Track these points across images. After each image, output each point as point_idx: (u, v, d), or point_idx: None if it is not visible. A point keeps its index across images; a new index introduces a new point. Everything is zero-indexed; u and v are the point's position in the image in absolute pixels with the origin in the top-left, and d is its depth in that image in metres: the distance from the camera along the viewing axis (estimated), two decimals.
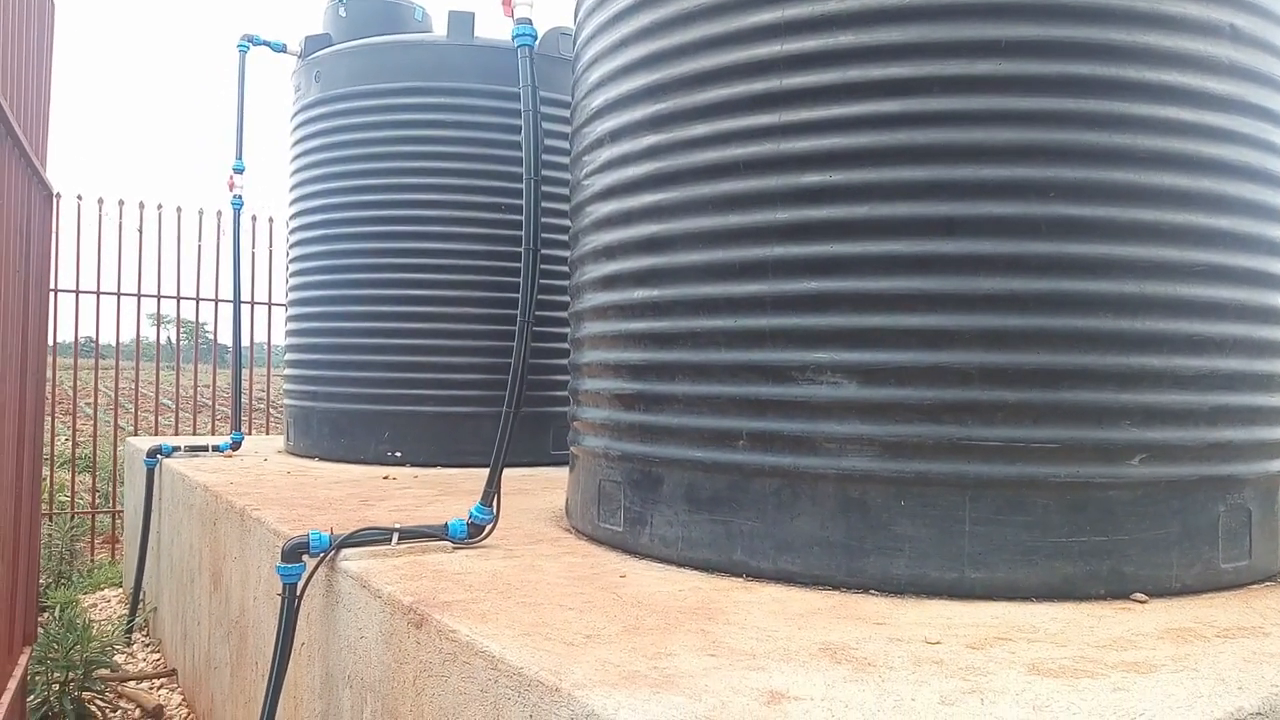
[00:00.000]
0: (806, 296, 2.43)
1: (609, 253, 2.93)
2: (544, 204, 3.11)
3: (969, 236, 2.31)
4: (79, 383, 8.15)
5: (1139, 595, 2.31)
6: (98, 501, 8.12)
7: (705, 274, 2.59)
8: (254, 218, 8.59)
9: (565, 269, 3.51)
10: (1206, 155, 2.40)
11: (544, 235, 3.10)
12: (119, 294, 7.99)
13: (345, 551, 2.70)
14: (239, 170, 5.74)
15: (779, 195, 2.46)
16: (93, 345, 8.11)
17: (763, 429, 2.49)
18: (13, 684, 3.19)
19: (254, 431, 8.84)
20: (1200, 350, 2.39)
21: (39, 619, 4.12)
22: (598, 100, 3.01)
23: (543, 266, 3.10)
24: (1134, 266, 2.32)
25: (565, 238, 3.53)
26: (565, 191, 3.47)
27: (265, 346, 8.97)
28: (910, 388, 2.33)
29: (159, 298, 8.23)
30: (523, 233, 3.02)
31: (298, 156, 5.65)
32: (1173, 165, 2.36)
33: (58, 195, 6.32)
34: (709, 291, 2.59)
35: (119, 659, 4.87)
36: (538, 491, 4.12)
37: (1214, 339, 2.40)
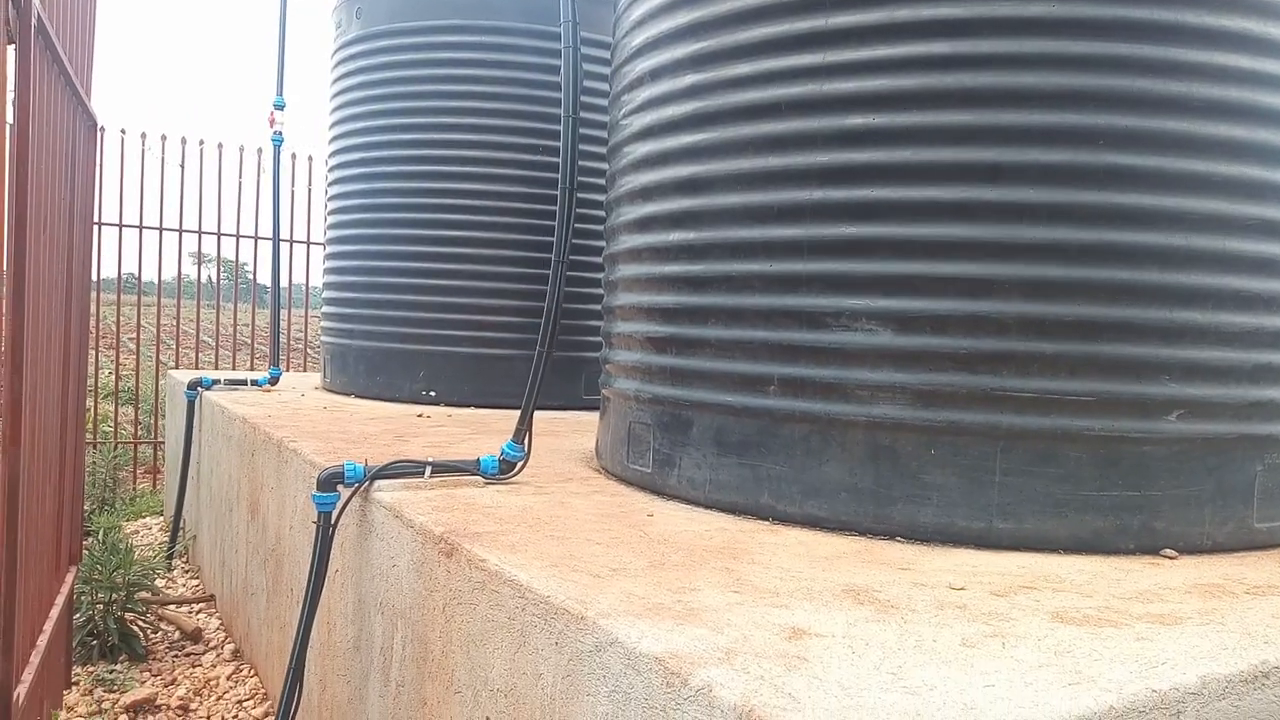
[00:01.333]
0: (845, 241, 2.40)
1: (645, 194, 2.91)
2: (582, 146, 3.09)
3: (1013, 184, 2.26)
4: (121, 318, 8.30)
5: (1169, 551, 2.30)
6: (140, 433, 8.32)
7: (742, 217, 2.57)
8: (294, 156, 8.64)
9: (602, 213, 3.50)
10: (1264, 105, 2.32)
11: (581, 179, 3.09)
12: (161, 229, 8.09)
13: (379, 483, 2.75)
14: (279, 106, 5.75)
15: (821, 137, 2.42)
16: (135, 282, 8.22)
17: (794, 375, 2.49)
18: (60, 599, 3.30)
19: (291, 370, 8.97)
20: (1247, 306, 2.33)
21: (83, 543, 4.25)
22: (639, 38, 2.98)
23: (579, 210, 3.09)
24: (1183, 219, 2.27)
25: (603, 181, 3.51)
26: (604, 134, 3.44)
27: (304, 287, 9.07)
28: (946, 336, 2.31)
29: (200, 234, 8.33)
30: (559, 171, 3.01)
31: (338, 94, 5.65)
32: (1229, 115, 2.29)
33: (102, 128, 6.38)
34: (745, 235, 2.57)
35: (160, 584, 5.02)
36: (568, 433, 4.15)
37: (1262, 295, 2.35)
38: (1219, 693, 1.50)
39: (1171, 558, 2.28)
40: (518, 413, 3.00)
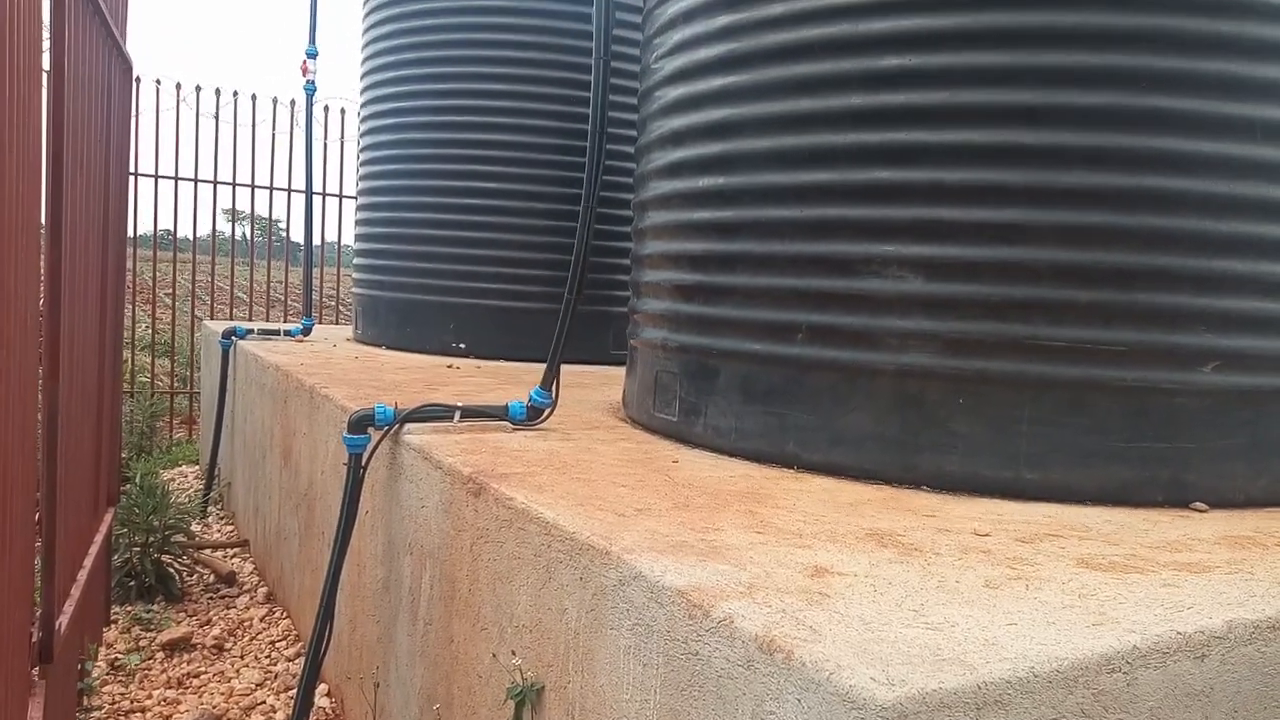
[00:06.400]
0: (877, 186, 2.37)
1: (676, 139, 2.88)
2: (613, 97, 3.05)
3: (1051, 127, 2.22)
4: (157, 274, 8.40)
5: (1199, 504, 2.27)
6: (175, 384, 8.45)
7: (773, 161, 2.54)
8: (325, 109, 8.66)
9: (632, 166, 3.47)
10: None
11: (611, 130, 3.05)
12: (196, 180, 8.15)
13: (409, 426, 2.78)
14: (312, 55, 5.75)
15: (854, 79, 2.38)
16: (170, 238, 8.31)
17: (823, 322, 2.47)
18: (99, 538, 3.38)
19: (323, 324, 9.06)
20: None
21: (121, 488, 4.34)
22: None
23: (608, 163, 3.05)
24: (1226, 164, 2.21)
25: (633, 133, 3.47)
26: (636, 84, 3.40)
27: (336, 245, 9.11)
28: (978, 284, 2.28)
29: (234, 185, 8.39)
30: (590, 116, 2.98)
31: (370, 43, 5.63)
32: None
33: (138, 78, 6.42)
34: (776, 180, 2.54)
35: (195, 529, 5.12)
36: (596, 386, 4.17)
37: None
38: (1245, 638, 1.49)
39: (1202, 510, 2.25)
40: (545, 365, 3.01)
